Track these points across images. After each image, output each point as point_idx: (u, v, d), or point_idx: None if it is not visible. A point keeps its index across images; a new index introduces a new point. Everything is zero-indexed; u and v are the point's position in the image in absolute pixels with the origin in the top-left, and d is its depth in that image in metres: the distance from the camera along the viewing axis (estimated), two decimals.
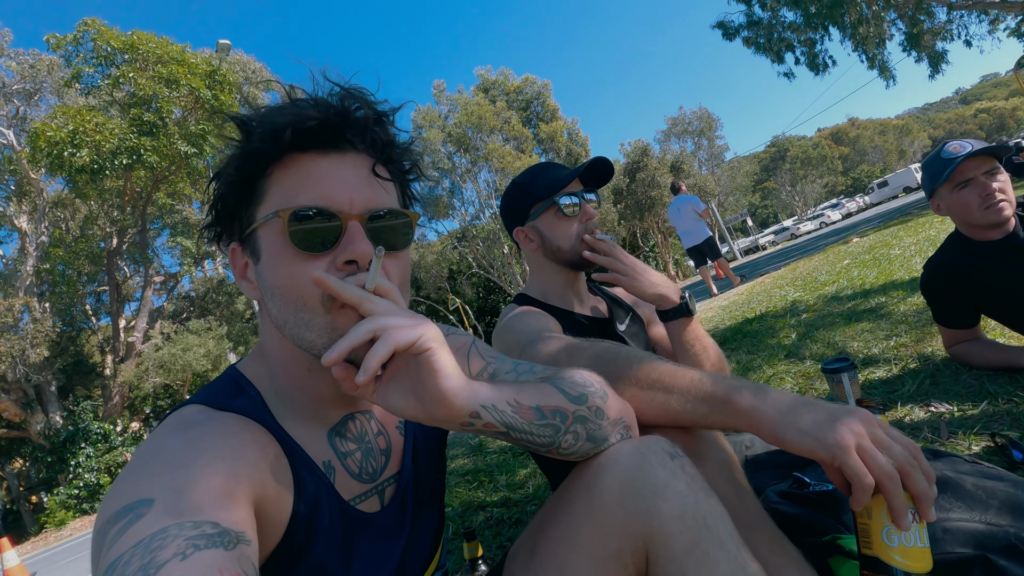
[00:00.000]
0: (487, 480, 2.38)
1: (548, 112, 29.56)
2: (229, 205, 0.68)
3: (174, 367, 17.25)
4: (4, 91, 17.03)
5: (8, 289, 17.01)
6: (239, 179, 0.65)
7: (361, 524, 0.70)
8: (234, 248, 0.70)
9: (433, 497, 0.83)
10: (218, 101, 14.77)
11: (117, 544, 0.45)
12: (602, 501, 0.68)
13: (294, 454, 0.66)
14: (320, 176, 0.64)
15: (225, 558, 0.44)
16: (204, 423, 0.61)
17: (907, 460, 0.65)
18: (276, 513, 0.61)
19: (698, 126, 35.46)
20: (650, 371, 0.86)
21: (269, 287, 0.65)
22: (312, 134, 0.63)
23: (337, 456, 0.71)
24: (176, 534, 0.44)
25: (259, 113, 0.66)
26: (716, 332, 4.00)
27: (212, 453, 0.55)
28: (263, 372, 0.71)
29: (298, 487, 0.65)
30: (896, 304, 2.85)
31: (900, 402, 1.74)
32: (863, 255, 5.40)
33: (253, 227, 0.65)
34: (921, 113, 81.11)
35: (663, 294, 1.25)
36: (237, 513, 0.51)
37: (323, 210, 0.62)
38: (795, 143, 53.60)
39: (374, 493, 0.74)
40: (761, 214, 66.26)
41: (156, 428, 0.62)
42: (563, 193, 1.33)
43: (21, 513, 19.45)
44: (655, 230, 31.39)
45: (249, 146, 0.64)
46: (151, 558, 0.42)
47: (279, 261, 0.63)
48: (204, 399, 0.66)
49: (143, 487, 0.50)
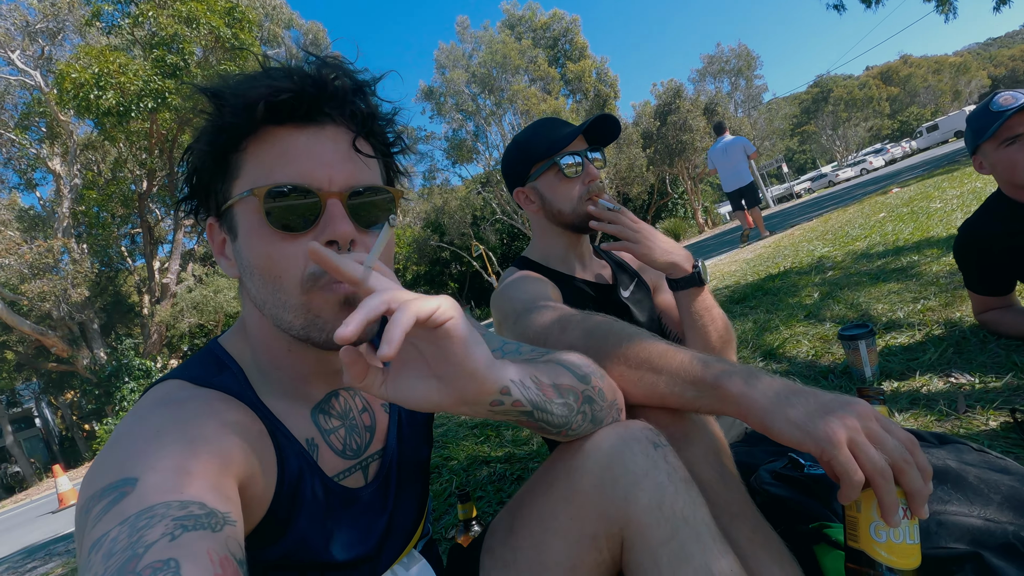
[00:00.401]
0: (493, 435, 2.42)
1: (576, 50, 28.23)
2: (203, 180, 0.65)
3: (207, 308, 17.91)
4: (28, 30, 16.98)
5: (47, 231, 17.61)
6: (212, 153, 0.63)
7: (344, 499, 0.71)
8: (211, 223, 0.68)
9: (417, 472, 0.83)
10: (238, 40, 14.50)
11: (102, 521, 0.44)
12: (581, 486, 0.68)
13: (277, 431, 0.66)
14: (297, 152, 0.61)
15: (213, 540, 0.44)
16: (187, 400, 0.60)
17: (902, 456, 0.61)
18: (260, 491, 0.61)
19: (736, 65, 33.44)
20: (640, 350, 0.83)
21: (247, 265, 0.63)
22: (287, 106, 0.60)
23: (320, 433, 0.71)
24: (163, 513, 0.44)
25: (231, 84, 0.62)
26: (736, 288, 3.90)
27: (196, 431, 0.54)
28: (245, 348, 0.70)
29: (281, 464, 0.64)
30: (929, 264, 2.71)
31: (919, 371, 1.68)
32: (901, 208, 5.14)
33: (229, 203, 0.63)
34: (983, 49, 74.65)
35: (675, 262, 1.17)
36: (223, 493, 0.50)
37: (301, 188, 0.59)
38: (840, 83, 50.37)
39: (358, 469, 0.74)
40: (798, 159, 63.35)
41: (136, 403, 0.61)
42: (564, 152, 1.25)
43: (75, 440, 21.01)
44: (685, 176, 30.37)
45: (221, 120, 0.61)
46: (139, 536, 0.41)
47: (256, 240, 0.61)
48: (186, 374, 0.66)
49: (127, 465, 0.49)
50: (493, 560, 0.74)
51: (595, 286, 1.35)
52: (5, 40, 16.43)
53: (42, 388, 24.51)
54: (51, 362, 19.23)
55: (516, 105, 24.25)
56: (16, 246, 14.92)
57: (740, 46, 33.36)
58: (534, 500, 0.73)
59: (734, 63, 33.40)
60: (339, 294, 0.61)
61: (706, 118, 28.66)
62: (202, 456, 0.52)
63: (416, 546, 0.83)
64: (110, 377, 16.65)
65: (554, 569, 0.68)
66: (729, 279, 4.61)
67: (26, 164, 19.51)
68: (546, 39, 28.18)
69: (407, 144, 0.75)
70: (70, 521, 5.75)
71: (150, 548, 0.41)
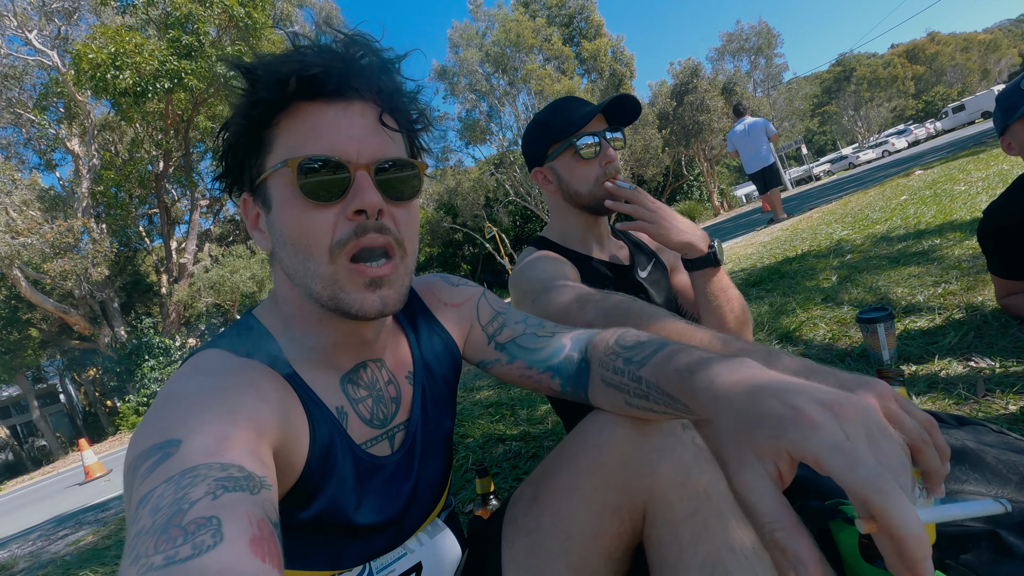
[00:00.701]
0: (508, 413, 2.46)
1: (592, 28, 27.70)
2: (238, 155, 0.68)
3: (223, 288, 18.18)
4: (44, 10, 17.05)
5: (67, 211, 17.88)
6: (247, 129, 0.65)
7: (371, 467, 0.73)
8: (245, 198, 0.70)
9: (441, 443, 0.85)
10: (251, 19, 14.44)
11: (149, 479, 0.47)
12: (608, 458, 0.71)
13: (309, 400, 0.68)
14: (326, 125, 0.63)
15: (251, 502, 0.46)
16: (225, 369, 0.63)
17: (920, 436, 0.61)
18: (293, 456, 0.64)
19: (756, 43, 32.65)
20: (660, 329, 0.83)
21: (279, 236, 0.66)
22: (317, 82, 0.62)
23: (349, 402, 0.73)
24: (205, 474, 0.46)
25: (264, 61, 0.64)
26: (753, 271, 3.87)
27: (235, 399, 0.57)
28: (278, 320, 0.73)
29: (313, 431, 0.67)
30: (951, 247, 2.67)
31: (938, 355, 1.67)
32: (923, 190, 5.03)
33: (263, 177, 0.66)
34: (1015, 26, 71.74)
35: (690, 242, 1.17)
36: (259, 458, 0.53)
37: (331, 160, 0.62)
38: (863, 62, 48.79)
39: (384, 438, 0.77)
40: (818, 141, 61.90)
41: (178, 370, 0.65)
42: (582, 133, 1.24)
43: (99, 415, 21.61)
44: (701, 158, 29.90)
45: (255, 95, 0.64)
46: (183, 494, 0.44)
47: (288, 210, 0.64)
48: (223, 344, 0.69)
49: (171, 428, 0.52)
50: (516, 529, 0.77)
51: (613, 266, 1.35)
52: (23, 20, 16.53)
53: (66, 365, 25.18)
54: (74, 339, 19.72)
55: (530, 85, 23.94)
56: (38, 225, 15.17)
57: (760, 23, 32.57)
58: (559, 472, 0.75)
59: (754, 41, 32.63)
60: (367, 275, 0.63)
61: (724, 98, 28.11)
62: (240, 423, 0.54)
63: (440, 515, 0.86)
64: (131, 355, 17.04)
65: (577, 536, 0.70)
66: (745, 262, 4.57)
67: (45, 144, 19.77)
68: (561, 16, 27.67)
69: (430, 121, 0.76)
70: (96, 493, 5.96)
71: (194, 505, 0.43)
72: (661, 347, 0.65)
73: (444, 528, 0.85)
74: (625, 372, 0.68)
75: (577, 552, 0.71)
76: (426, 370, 0.84)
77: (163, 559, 0.39)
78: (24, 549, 3.81)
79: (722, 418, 0.49)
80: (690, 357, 0.59)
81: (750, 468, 0.44)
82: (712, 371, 0.53)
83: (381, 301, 0.65)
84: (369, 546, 0.74)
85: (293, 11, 24.46)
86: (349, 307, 0.64)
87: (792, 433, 0.41)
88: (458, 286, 0.93)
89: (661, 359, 0.63)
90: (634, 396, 0.67)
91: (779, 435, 0.42)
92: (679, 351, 0.62)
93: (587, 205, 1.29)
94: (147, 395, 16.60)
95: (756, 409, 0.45)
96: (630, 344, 0.71)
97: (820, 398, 0.43)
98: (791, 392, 0.44)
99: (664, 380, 0.60)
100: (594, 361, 0.75)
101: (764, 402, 0.45)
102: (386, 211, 0.65)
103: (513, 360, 0.84)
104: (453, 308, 0.90)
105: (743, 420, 0.46)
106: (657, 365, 0.63)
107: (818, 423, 0.41)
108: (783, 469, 0.43)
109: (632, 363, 0.67)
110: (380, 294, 0.65)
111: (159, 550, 0.39)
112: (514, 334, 0.85)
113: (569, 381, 0.79)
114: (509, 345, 0.85)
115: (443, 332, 0.88)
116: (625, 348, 0.71)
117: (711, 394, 0.51)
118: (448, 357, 0.87)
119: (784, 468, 0.43)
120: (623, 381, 0.69)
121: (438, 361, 0.86)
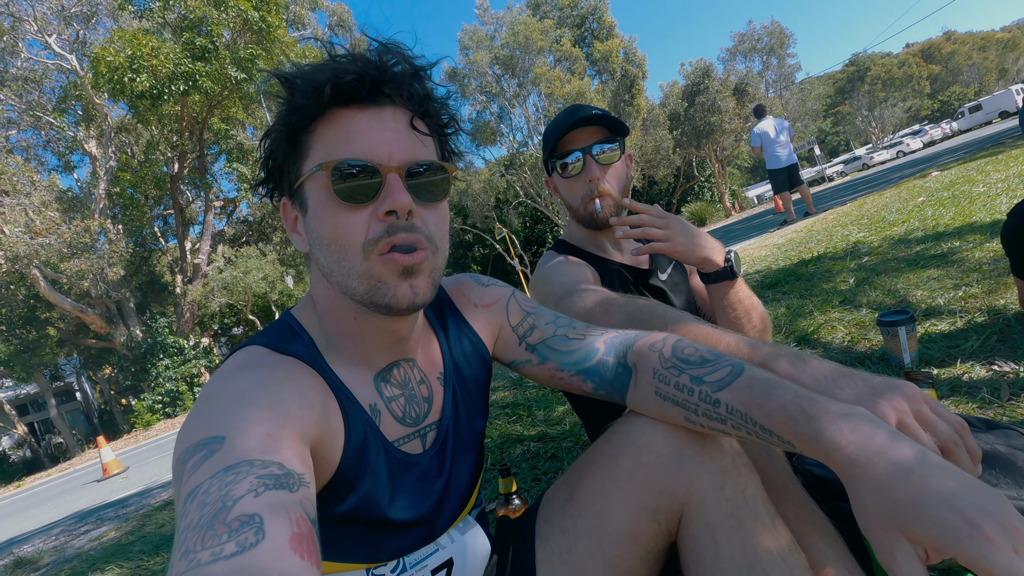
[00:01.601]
0: (525, 414, 2.47)
1: (604, 29, 27.59)
2: (278, 161, 0.71)
3: (236, 288, 18.35)
4: (64, 14, 17.35)
5: (84, 211, 18.16)
6: (286, 135, 0.68)
7: (404, 464, 0.75)
8: (285, 203, 0.73)
9: (472, 442, 0.87)
10: (265, 22, 14.58)
11: (196, 474, 0.49)
12: (647, 460, 0.72)
13: (344, 397, 0.71)
14: (359, 130, 0.66)
15: (291, 499, 0.48)
16: (265, 366, 0.66)
17: (952, 438, 0.63)
18: (329, 453, 0.66)
19: (768, 43, 32.42)
20: (685, 333, 0.84)
21: (316, 237, 0.68)
22: (351, 89, 0.65)
23: (383, 400, 0.75)
24: (247, 471, 0.48)
25: (302, 70, 0.68)
26: (768, 273, 3.85)
27: (275, 396, 0.59)
28: (314, 319, 0.75)
29: (348, 428, 0.69)
30: (971, 250, 2.64)
31: (961, 359, 1.65)
32: (941, 192, 4.97)
33: (300, 181, 0.68)
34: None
35: (707, 257, 1.14)
36: (298, 455, 0.55)
37: (363, 163, 0.65)
38: (878, 61, 48.23)
39: (416, 436, 0.79)
40: (831, 141, 61.28)
41: (221, 366, 0.67)
42: (562, 152, 1.24)
43: (114, 413, 21.88)
44: (712, 159, 29.72)
45: (293, 102, 0.67)
46: (227, 490, 0.46)
47: (324, 212, 0.66)
48: (264, 341, 0.71)
49: (215, 424, 0.54)
50: (551, 527, 0.78)
51: (632, 270, 1.35)
52: (43, 24, 16.82)
53: (82, 363, 25.54)
54: (90, 338, 20.01)
55: (539, 87, 23.92)
56: (56, 226, 15.42)
57: (773, 23, 32.33)
58: (595, 473, 0.76)
59: (766, 41, 32.40)
60: (400, 264, 0.66)
61: (735, 99, 27.91)
62: (281, 419, 0.56)
63: (471, 512, 0.88)
64: (145, 354, 17.26)
65: (613, 536, 0.72)
66: (760, 263, 4.55)
67: (64, 146, 20.08)
68: (573, 18, 27.60)
69: (460, 126, 0.78)
70: (115, 490, 6.04)
71: (237, 502, 0.45)
72: (738, 370, 0.66)
73: (475, 525, 0.87)
74: (694, 391, 0.68)
75: (613, 551, 0.72)
76: (456, 371, 0.85)
77: (210, 555, 0.41)
78: (47, 544, 3.89)
79: (861, 488, 0.52)
80: (794, 396, 0.60)
81: (903, 551, 0.48)
82: (834, 425, 0.56)
83: (412, 290, 0.67)
84: (403, 541, 0.76)
85: (306, 14, 24.69)
86: (383, 298, 0.67)
87: (970, 547, 0.44)
88: (488, 286, 0.94)
89: (748, 387, 0.64)
90: (702, 416, 0.67)
91: (952, 544, 0.45)
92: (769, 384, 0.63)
93: (580, 220, 1.30)
94: (161, 393, 16.79)
95: (917, 507, 0.48)
96: (694, 360, 0.71)
97: (994, 514, 0.45)
98: (957, 498, 0.46)
99: (762, 415, 0.61)
100: (642, 370, 0.75)
101: (930, 504, 0.47)
102: (416, 212, 0.67)
103: (544, 361, 0.85)
104: (483, 309, 0.91)
105: (894, 507, 0.49)
106: (744, 393, 0.64)
107: (997, 543, 0.43)
108: (931, 556, 0.48)
109: (703, 383, 0.67)
110: (411, 283, 0.67)
111: (206, 546, 0.42)
112: (544, 335, 0.86)
113: (603, 385, 0.80)
114: (540, 347, 0.86)
115: (472, 333, 0.89)
116: (688, 364, 0.71)
117: (843, 455, 0.54)
118: (477, 358, 0.89)
119: (934, 556, 0.48)
120: (688, 399, 0.68)
121: (467, 362, 0.87)
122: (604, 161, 1.24)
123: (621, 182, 1.29)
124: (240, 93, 15.86)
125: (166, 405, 16.90)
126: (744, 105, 28.42)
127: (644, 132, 26.55)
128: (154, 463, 7.75)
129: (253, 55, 14.69)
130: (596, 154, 1.23)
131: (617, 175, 1.28)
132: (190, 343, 18.11)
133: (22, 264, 14.83)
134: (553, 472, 1.85)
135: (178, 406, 16.93)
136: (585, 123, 1.23)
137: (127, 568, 2.44)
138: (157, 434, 14.43)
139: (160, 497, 4.24)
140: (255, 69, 14.77)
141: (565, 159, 1.25)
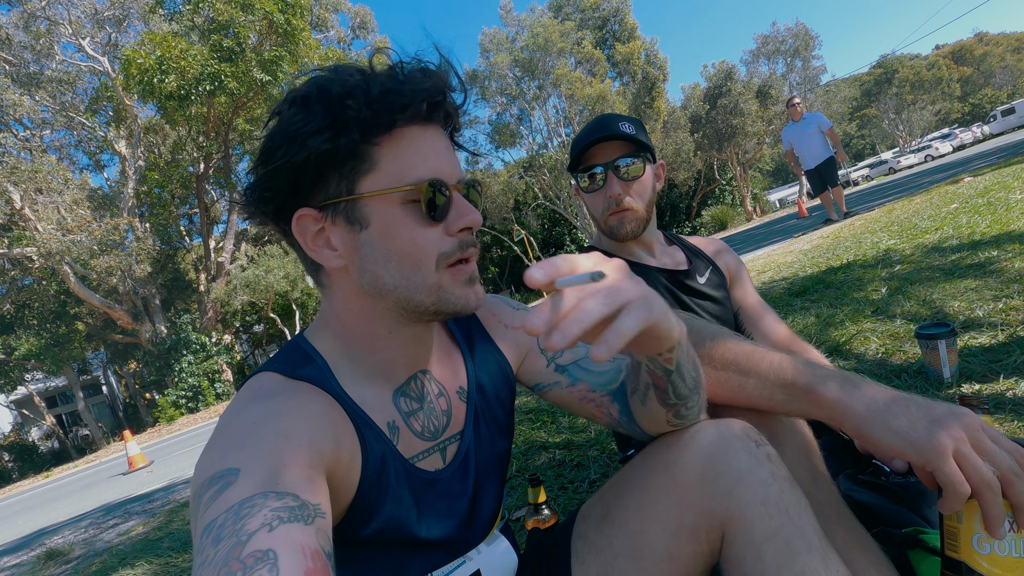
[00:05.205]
0: (550, 421, 2.46)
1: (626, 31, 27.48)
2: (316, 171, 0.64)
3: (258, 287, 18.65)
4: (97, 18, 17.86)
5: (113, 210, 18.64)
6: (347, 147, 0.62)
7: (425, 482, 0.74)
8: (304, 214, 0.66)
9: (497, 464, 0.86)
10: (290, 25, 14.82)
11: (211, 508, 0.49)
12: (684, 478, 0.70)
13: (360, 420, 0.70)
14: (428, 149, 0.66)
15: (306, 533, 0.48)
16: (279, 393, 0.65)
17: (1011, 468, 0.61)
18: (347, 477, 0.65)
19: (792, 44, 31.92)
20: (726, 350, 0.82)
21: (382, 252, 0.65)
22: (429, 107, 0.65)
23: (401, 415, 0.74)
24: (262, 503, 0.48)
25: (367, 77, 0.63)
26: (795, 280, 3.79)
27: (288, 424, 0.59)
28: (330, 340, 0.73)
29: (365, 451, 0.68)
30: (1010, 260, 2.56)
31: (1003, 374, 1.60)
32: (975, 198, 4.84)
33: (359, 195, 0.64)
34: None
35: None
36: (313, 484, 0.55)
37: (443, 182, 0.66)
38: (906, 63, 47.19)
39: (436, 450, 0.78)
40: (856, 145, 60.12)
41: (235, 395, 0.67)
42: (586, 165, 1.25)
43: (138, 407, 22.39)
44: (734, 162, 29.37)
45: (360, 114, 0.61)
46: (241, 525, 0.46)
47: (401, 229, 0.65)
48: (277, 367, 0.70)
49: (230, 456, 0.54)
50: (587, 546, 0.77)
51: (668, 273, 1.32)
52: (77, 28, 17.33)
53: (109, 358, 26.13)
54: (117, 334, 20.52)
55: (560, 89, 23.91)
56: (87, 223, 15.86)
57: (798, 25, 31.83)
58: (631, 491, 0.75)
59: (790, 43, 31.91)
60: (466, 273, 0.69)
61: (758, 101, 27.55)
62: (294, 448, 0.56)
63: (497, 526, 0.87)
64: (169, 350, 17.64)
65: (651, 557, 0.70)
66: (786, 270, 4.47)
67: (95, 146, 20.69)
68: (594, 20, 27.53)
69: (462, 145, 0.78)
70: (141, 483, 6.17)
71: (252, 537, 0.45)
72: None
73: (504, 540, 0.86)
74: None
75: (651, 572, 0.70)
76: (479, 390, 0.84)
77: None
78: (77, 536, 3.98)
79: None
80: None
81: None
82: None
83: (476, 295, 0.70)
84: (431, 559, 0.76)
85: (329, 16, 24.98)
86: (454, 305, 0.68)
87: None
88: (518, 310, 0.93)
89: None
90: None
91: None
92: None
93: (605, 232, 1.30)
94: (184, 389, 17.15)
95: None
96: None
97: None
98: None
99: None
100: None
101: None
102: None
103: (575, 383, 0.83)
104: (512, 330, 0.90)
105: None
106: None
107: None
108: None
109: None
110: (475, 288, 0.70)
111: None
112: (577, 356, 0.84)
113: (624, 410, 0.79)
114: (571, 367, 0.84)
115: (498, 353, 0.88)
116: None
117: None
118: (502, 378, 0.87)
119: None
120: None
121: (491, 381, 0.86)
122: (628, 176, 1.23)
123: (647, 196, 1.27)
124: (265, 95, 16.14)
125: (189, 400, 17.26)
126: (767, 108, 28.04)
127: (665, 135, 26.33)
128: (178, 458, 7.89)
129: (278, 57, 14.95)
130: (619, 169, 1.22)
131: (643, 189, 1.26)
132: (212, 340, 18.44)
133: (54, 260, 15.26)
134: (579, 481, 1.83)
135: (200, 401, 17.27)
136: (608, 140, 1.22)
137: (156, 564, 2.49)
138: (180, 428, 14.72)
139: (185, 493, 4.32)
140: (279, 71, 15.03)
141: (588, 173, 1.25)
